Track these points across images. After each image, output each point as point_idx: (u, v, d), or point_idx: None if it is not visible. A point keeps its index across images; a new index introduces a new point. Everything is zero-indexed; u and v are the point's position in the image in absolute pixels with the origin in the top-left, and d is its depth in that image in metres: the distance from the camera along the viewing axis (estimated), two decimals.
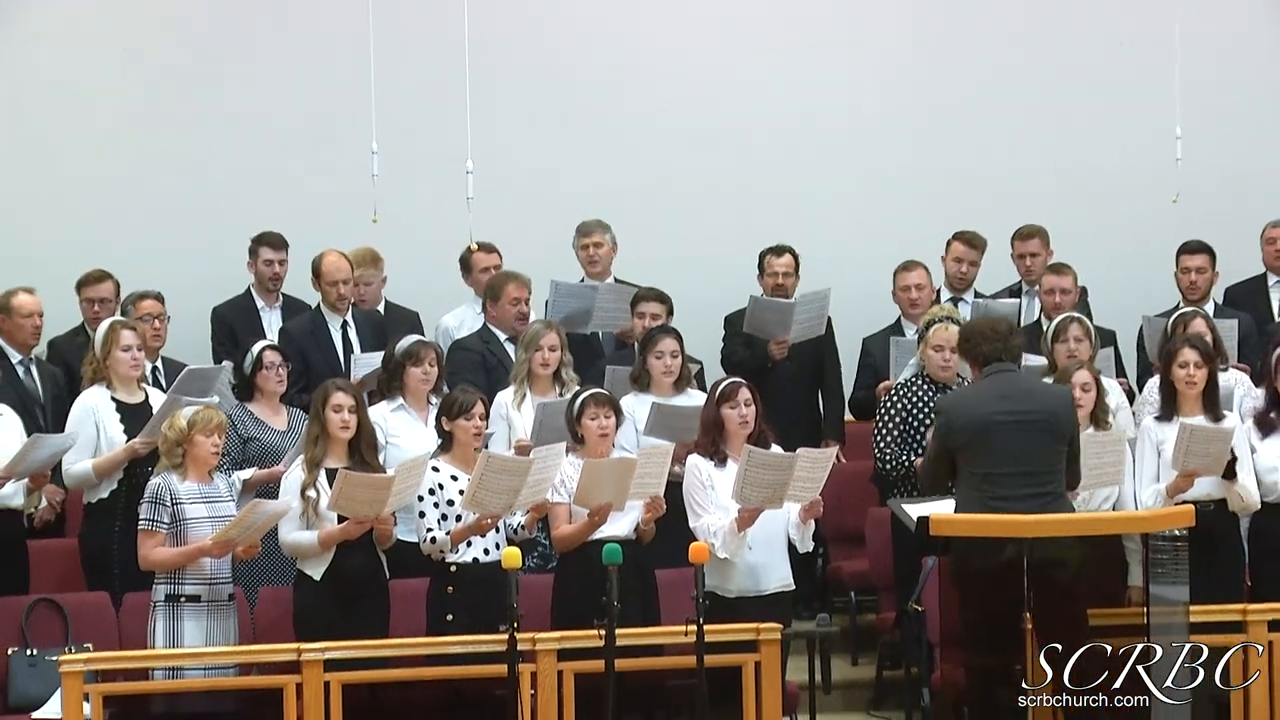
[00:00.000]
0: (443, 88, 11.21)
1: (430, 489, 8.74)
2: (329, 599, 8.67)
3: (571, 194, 11.49)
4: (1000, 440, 8.01)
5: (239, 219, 11.13)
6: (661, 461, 8.75)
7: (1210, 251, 10.90)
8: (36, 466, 9.10)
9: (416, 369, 9.46)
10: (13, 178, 11.41)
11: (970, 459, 8.08)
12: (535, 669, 8.36)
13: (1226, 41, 12.09)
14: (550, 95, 11.84)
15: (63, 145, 11.51)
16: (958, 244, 11.19)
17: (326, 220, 11.02)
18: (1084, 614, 7.84)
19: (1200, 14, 11.82)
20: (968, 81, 12.17)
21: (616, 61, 11.96)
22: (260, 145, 11.60)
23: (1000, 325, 8.47)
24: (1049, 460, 8.12)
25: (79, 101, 11.52)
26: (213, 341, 10.71)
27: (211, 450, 8.66)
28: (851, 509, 10.30)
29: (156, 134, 11.59)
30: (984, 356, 8.27)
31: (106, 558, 9.24)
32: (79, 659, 8.32)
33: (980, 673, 8.03)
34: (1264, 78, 12.20)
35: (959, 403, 8.44)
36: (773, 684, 8.59)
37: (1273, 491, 9.21)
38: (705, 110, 11.96)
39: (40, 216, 11.38)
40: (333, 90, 11.51)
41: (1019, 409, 8.08)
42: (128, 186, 11.54)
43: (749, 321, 10.61)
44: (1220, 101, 11.96)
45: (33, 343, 10.11)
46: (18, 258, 10.74)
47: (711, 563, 8.33)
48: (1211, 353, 9.30)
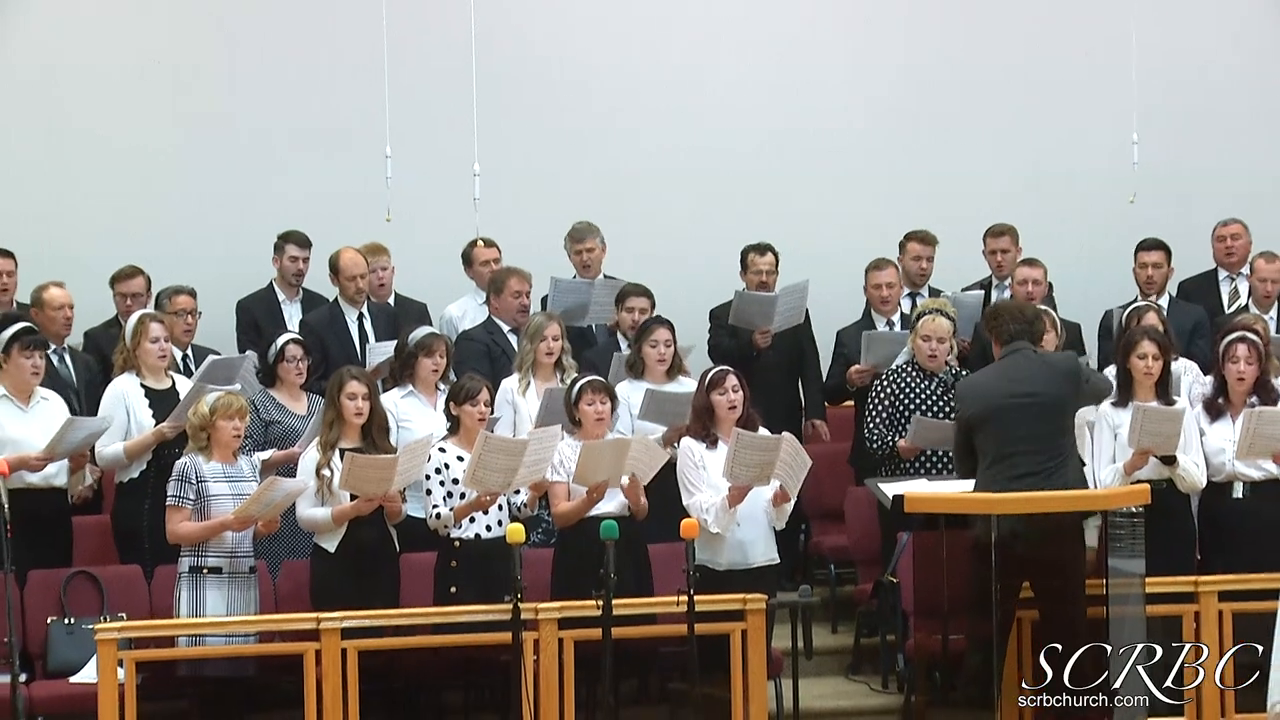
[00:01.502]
0: (451, 98, 11.22)
1: (437, 469, 8.78)
2: (342, 570, 8.69)
3: (569, 195, 11.48)
4: (1009, 421, 7.96)
5: (262, 218, 11.11)
6: (651, 458, 8.77)
7: (1166, 248, 10.89)
8: (73, 448, 9.11)
9: (428, 359, 9.47)
10: (52, 180, 11.39)
11: (984, 440, 8.04)
12: (537, 637, 8.36)
13: (1180, 54, 12.07)
14: (550, 105, 11.83)
15: (98, 150, 11.48)
16: (913, 243, 11.14)
17: (343, 219, 10.99)
18: (1048, 585, 7.82)
19: (1156, 28, 11.80)
20: (939, 91, 12.14)
21: (611, 75, 11.94)
22: (282, 150, 11.58)
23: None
24: (1054, 436, 8.05)
25: (113, 110, 11.50)
26: (238, 331, 10.70)
27: (233, 433, 8.68)
28: (831, 488, 10.29)
29: (185, 140, 11.57)
30: (1009, 335, 8.23)
31: (137, 533, 9.24)
32: (113, 628, 8.33)
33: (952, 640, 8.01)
34: (1215, 88, 12.18)
35: (971, 388, 8.37)
36: (758, 651, 8.59)
37: (1220, 471, 9.20)
38: (693, 121, 11.95)
39: (77, 216, 11.36)
40: (349, 101, 11.49)
41: (1025, 391, 8.02)
42: (158, 187, 11.52)
43: (735, 314, 10.59)
44: (1174, 110, 11.95)
45: (64, 333, 10.10)
46: (56, 255, 10.71)
47: (702, 538, 8.34)
48: (1168, 344, 9.29)
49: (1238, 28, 12.25)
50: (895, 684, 9.61)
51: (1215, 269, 11.23)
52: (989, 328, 8.47)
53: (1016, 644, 7.92)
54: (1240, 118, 12.19)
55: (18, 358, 9.08)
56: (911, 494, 7.92)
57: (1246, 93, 12.21)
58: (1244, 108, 12.20)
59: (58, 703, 8.64)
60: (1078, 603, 7.83)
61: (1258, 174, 11.96)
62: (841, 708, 9.52)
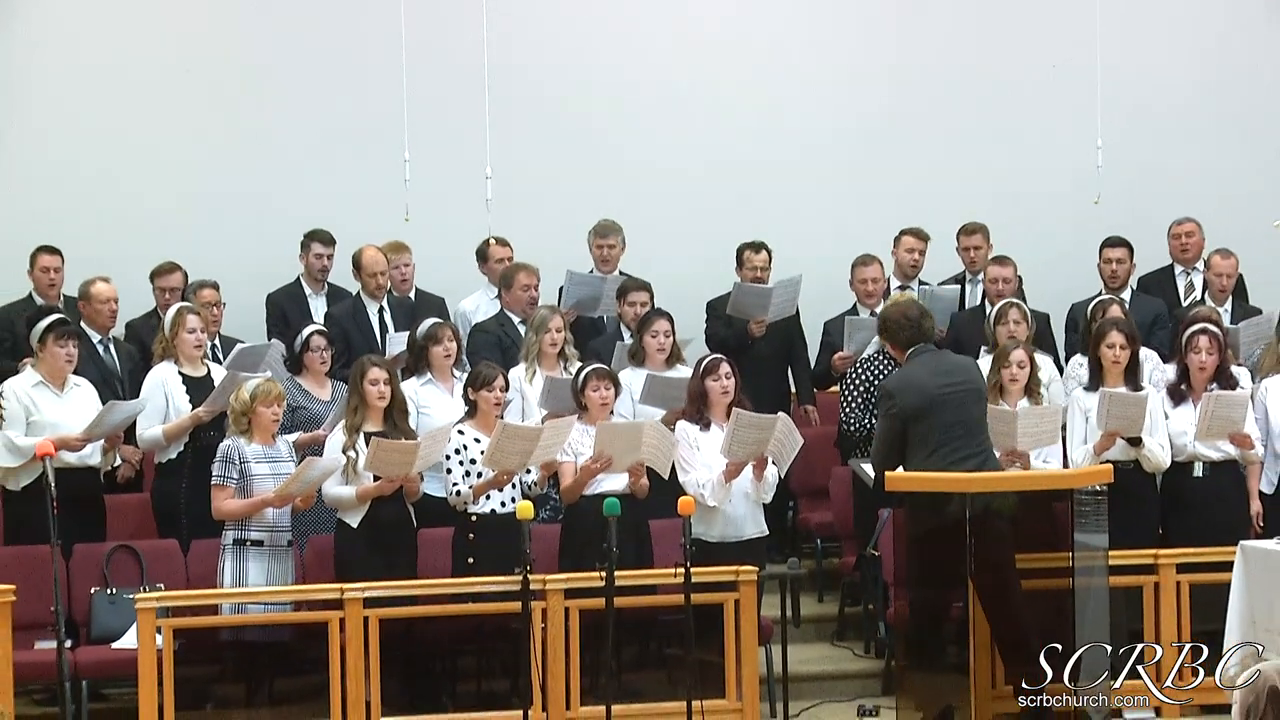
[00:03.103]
0: (465, 106, 11.23)
1: (456, 449, 8.80)
2: (365, 544, 8.70)
3: (575, 197, 11.45)
4: (946, 410, 7.95)
5: (289, 218, 11.08)
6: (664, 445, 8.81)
7: (1128, 246, 10.87)
8: (110, 429, 9.15)
9: (437, 347, 9.47)
10: (96, 184, 11.36)
11: (921, 429, 7.97)
12: (545, 606, 8.38)
13: (1141, 67, 12.06)
14: (557, 113, 11.80)
15: (139, 155, 11.45)
16: (907, 238, 11.14)
17: (365, 219, 10.96)
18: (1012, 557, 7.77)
19: (1118, 43, 11.82)
20: (919, 98, 12.12)
21: (613, 86, 11.91)
22: (308, 154, 11.55)
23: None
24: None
25: (153, 116, 11.46)
26: (267, 323, 10.68)
27: (272, 418, 8.75)
28: (817, 468, 10.28)
29: (219, 145, 11.53)
30: (906, 341, 8.23)
31: (175, 510, 9.26)
32: (152, 597, 8.34)
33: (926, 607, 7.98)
34: (1173, 98, 12.17)
35: (906, 383, 8.17)
36: (750, 618, 8.59)
37: (1182, 452, 9.22)
38: (690, 128, 11.91)
39: (120, 216, 11.33)
40: (370, 108, 11.47)
41: (953, 381, 8.05)
42: (194, 189, 11.50)
43: (733, 304, 10.59)
44: (1135, 118, 11.95)
45: (109, 324, 10.09)
46: (101, 253, 10.68)
47: (697, 513, 8.35)
48: (1135, 335, 9.29)
49: (1194, 44, 12.25)
50: (876, 650, 9.63)
51: (1172, 265, 11.22)
52: (886, 338, 8.48)
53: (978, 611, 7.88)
54: (1195, 125, 12.18)
55: (53, 346, 9.09)
56: (893, 474, 7.89)
57: (1201, 102, 12.21)
58: (1199, 116, 12.20)
59: (100, 667, 8.66)
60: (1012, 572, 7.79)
61: (1211, 176, 11.95)
62: (827, 671, 9.52)
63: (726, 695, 8.56)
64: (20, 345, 9.78)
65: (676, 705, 7.81)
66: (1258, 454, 9.23)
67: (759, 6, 12.19)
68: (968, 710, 7.64)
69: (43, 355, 9.14)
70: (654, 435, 8.77)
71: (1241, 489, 9.27)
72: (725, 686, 8.56)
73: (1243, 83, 11.90)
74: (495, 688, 8.98)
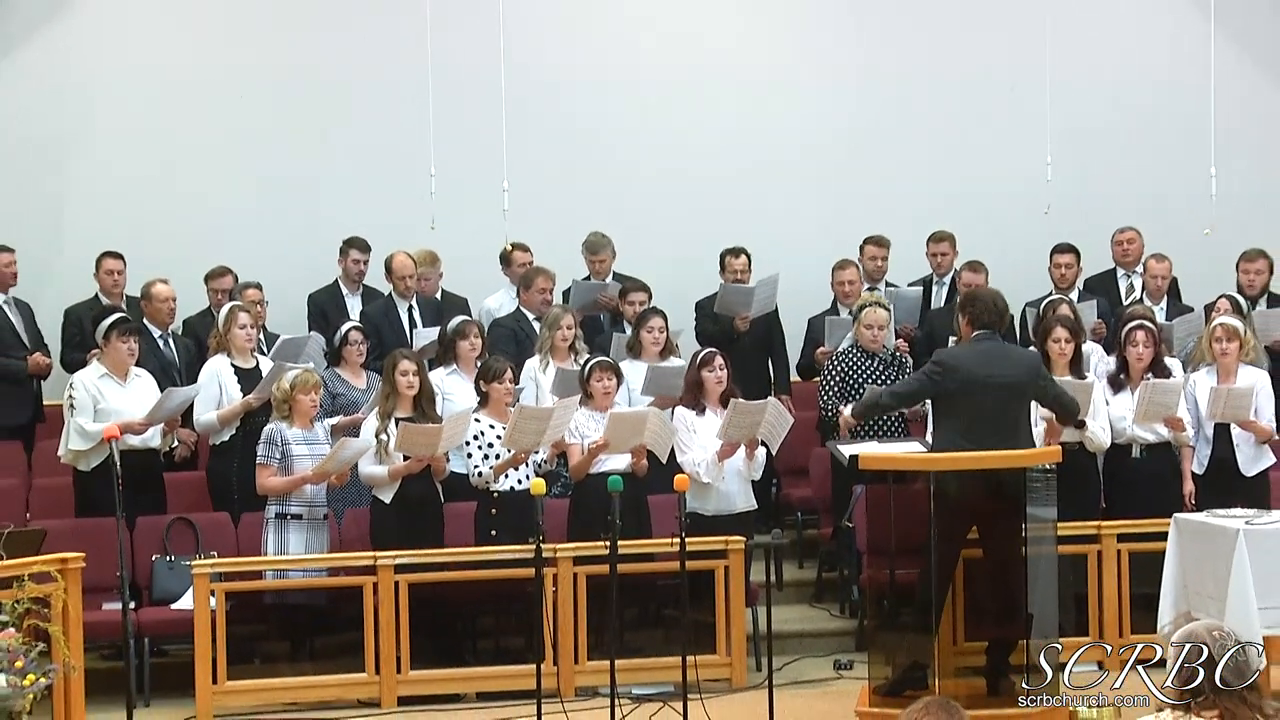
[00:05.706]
0: (484, 127, 11.19)
1: (474, 435, 8.81)
2: (396, 517, 8.72)
3: (581, 207, 11.43)
4: (981, 399, 7.48)
5: (328, 226, 11.08)
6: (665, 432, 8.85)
7: (1076, 251, 10.88)
8: (169, 414, 9.16)
9: (464, 341, 9.50)
10: (156, 196, 11.33)
11: (954, 410, 7.56)
12: (556, 572, 8.42)
13: (1087, 89, 12.03)
14: (566, 132, 11.79)
15: (195, 167, 11.43)
16: (870, 246, 11.13)
17: (395, 228, 10.96)
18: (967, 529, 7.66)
19: (1068, 67, 11.79)
20: (889, 114, 12.08)
21: (616, 108, 11.88)
22: (345, 170, 11.54)
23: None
24: (1013, 415, 7.61)
25: (209, 129, 11.44)
26: (308, 320, 10.68)
27: (310, 405, 8.77)
28: (799, 449, 10.28)
29: (265, 160, 11.52)
30: (981, 321, 7.67)
31: (227, 486, 9.29)
32: (207, 564, 8.38)
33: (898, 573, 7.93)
34: (1116, 117, 12.15)
35: (956, 361, 7.67)
36: (738, 583, 8.62)
37: (1122, 435, 9.22)
38: (681, 146, 11.86)
39: (177, 224, 11.31)
40: (400, 128, 11.45)
41: (997, 373, 7.52)
42: (243, 201, 11.48)
43: (719, 303, 10.59)
44: (1082, 136, 11.91)
45: (169, 321, 10.12)
46: (161, 256, 10.69)
47: (692, 489, 8.33)
48: (1078, 330, 9.27)
49: (1137, 71, 12.21)
50: (850, 611, 9.65)
51: (1114, 268, 11.22)
52: (965, 310, 7.79)
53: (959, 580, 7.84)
54: (1135, 143, 12.16)
55: (116, 342, 9.10)
56: (865, 454, 7.87)
57: (1140, 121, 12.19)
58: (1139, 134, 12.17)
59: (160, 626, 8.69)
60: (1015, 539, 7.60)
61: (1149, 189, 11.93)
62: (806, 629, 9.54)
63: (717, 651, 8.60)
64: (88, 341, 9.78)
65: (673, 660, 7.82)
66: (1189, 436, 9.22)
67: (757, 37, 12.12)
68: (933, 664, 7.63)
69: (107, 350, 9.15)
70: (656, 423, 8.82)
71: (1175, 468, 9.26)
72: (716, 643, 8.61)
73: (1178, 107, 11.87)
74: (511, 644, 8.99)
